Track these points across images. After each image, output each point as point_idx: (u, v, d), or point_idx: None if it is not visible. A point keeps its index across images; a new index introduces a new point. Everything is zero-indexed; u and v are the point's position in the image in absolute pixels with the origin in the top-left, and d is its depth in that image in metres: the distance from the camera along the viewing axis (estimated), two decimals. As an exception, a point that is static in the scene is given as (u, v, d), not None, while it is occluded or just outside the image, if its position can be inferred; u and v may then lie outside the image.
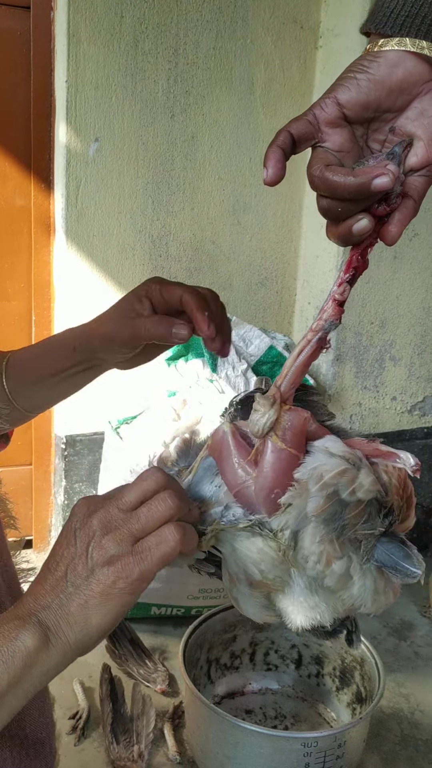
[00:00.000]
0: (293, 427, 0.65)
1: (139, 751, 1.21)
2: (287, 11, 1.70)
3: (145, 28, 1.58)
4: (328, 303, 0.67)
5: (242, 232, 1.78)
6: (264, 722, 1.34)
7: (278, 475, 0.63)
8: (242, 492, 0.65)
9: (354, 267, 0.66)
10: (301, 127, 0.63)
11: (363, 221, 0.62)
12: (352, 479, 0.62)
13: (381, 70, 0.61)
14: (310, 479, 0.62)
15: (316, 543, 0.62)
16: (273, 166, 0.62)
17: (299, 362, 0.68)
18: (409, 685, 1.48)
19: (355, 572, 0.63)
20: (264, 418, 0.64)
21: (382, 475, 0.65)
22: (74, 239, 1.64)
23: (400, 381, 1.88)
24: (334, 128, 0.63)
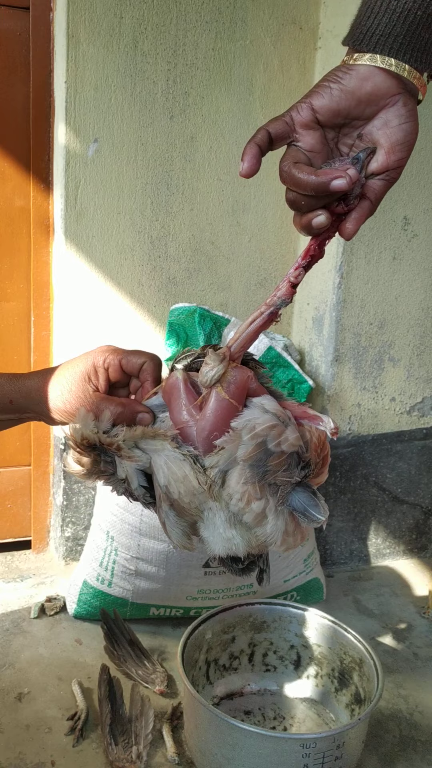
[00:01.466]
0: (237, 382, 0.75)
1: (137, 752, 1.21)
2: (286, 12, 1.70)
3: (145, 29, 1.58)
4: (283, 283, 0.75)
5: (241, 233, 1.79)
6: (263, 723, 1.34)
7: (218, 421, 0.74)
8: (184, 430, 0.75)
9: (311, 255, 0.74)
10: (278, 127, 0.71)
11: (321, 217, 0.70)
12: (279, 433, 0.73)
13: (352, 82, 0.69)
14: (244, 429, 0.72)
15: (241, 484, 0.72)
16: (248, 161, 0.70)
17: (251, 330, 0.76)
18: (407, 686, 1.48)
19: (270, 512, 0.73)
20: (213, 371, 0.74)
21: (306, 434, 0.75)
22: (73, 240, 1.64)
23: (399, 382, 1.89)
24: (308, 130, 0.71)
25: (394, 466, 1.92)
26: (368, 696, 1.26)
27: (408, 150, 0.71)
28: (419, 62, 0.68)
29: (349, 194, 0.70)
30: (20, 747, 1.24)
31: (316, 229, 0.71)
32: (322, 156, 0.71)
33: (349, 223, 0.72)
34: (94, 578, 1.56)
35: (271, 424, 0.73)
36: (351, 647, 1.34)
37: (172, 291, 1.75)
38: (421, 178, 1.76)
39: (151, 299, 1.74)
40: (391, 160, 0.71)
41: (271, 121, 0.71)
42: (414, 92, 0.70)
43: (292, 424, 0.74)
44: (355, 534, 1.93)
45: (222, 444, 0.73)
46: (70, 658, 1.48)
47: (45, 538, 1.87)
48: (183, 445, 0.75)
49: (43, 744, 1.25)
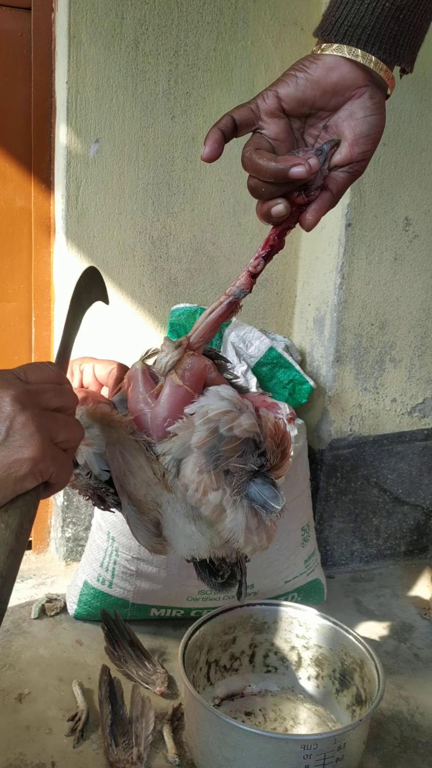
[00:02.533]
0: (192, 369, 0.73)
1: (138, 753, 1.21)
2: (288, 13, 1.70)
3: (146, 30, 1.58)
4: (243, 273, 0.74)
5: (242, 234, 1.78)
6: (263, 724, 1.34)
7: (171, 408, 0.72)
8: (140, 418, 0.73)
9: (271, 245, 0.73)
10: (244, 114, 0.70)
11: (279, 206, 0.70)
12: (232, 418, 0.71)
13: (318, 72, 0.68)
14: (197, 414, 0.71)
15: (196, 473, 0.70)
16: (210, 145, 0.69)
17: (210, 319, 0.75)
18: (408, 688, 1.48)
19: (228, 505, 0.70)
20: (166, 358, 0.73)
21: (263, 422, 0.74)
22: (74, 240, 1.64)
23: (400, 383, 1.88)
24: (273, 118, 0.70)
25: (395, 467, 1.92)
26: (369, 697, 1.26)
27: (373, 143, 0.70)
28: (388, 54, 0.67)
29: (310, 185, 0.70)
30: (20, 748, 1.24)
31: (275, 217, 0.71)
32: (287, 145, 0.71)
33: (309, 214, 0.71)
34: (94, 579, 1.56)
35: (224, 410, 0.71)
36: (352, 648, 1.33)
37: (173, 291, 1.75)
38: (422, 179, 1.76)
39: (152, 300, 1.74)
40: (354, 152, 0.70)
41: (236, 108, 0.71)
42: (382, 85, 0.69)
43: (250, 411, 0.73)
44: (356, 535, 1.93)
45: (175, 430, 0.71)
46: (71, 658, 1.47)
47: (45, 538, 1.86)
48: (137, 432, 0.73)
49: (44, 745, 1.25)
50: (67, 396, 0.66)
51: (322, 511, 1.86)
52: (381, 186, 1.72)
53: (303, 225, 0.72)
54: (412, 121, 1.71)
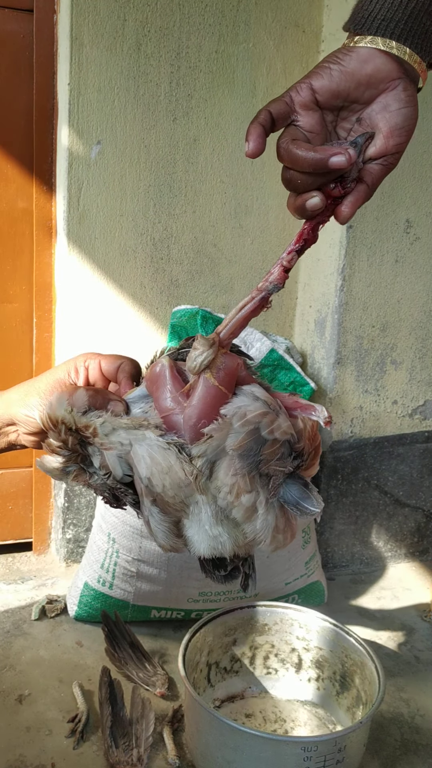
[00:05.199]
0: (226, 368, 0.72)
1: (138, 754, 1.21)
2: (289, 15, 1.70)
3: (148, 32, 1.59)
4: (276, 268, 0.72)
5: (244, 235, 1.79)
6: (264, 726, 1.34)
7: (206, 408, 0.70)
8: (170, 418, 0.71)
9: (304, 239, 0.72)
10: (279, 107, 0.69)
11: (315, 199, 0.69)
12: (272, 420, 0.70)
13: (352, 64, 0.68)
14: (234, 416, 0.69)
15: (230, 475, 0.68)
16: (254, 140, 0.68)
17: (241, 315, 0.73)
18: (409, 690, 1.48)
19: (260, 506, 0.69)
20: (202, 356, 0.70)
21: (298, 423, 0.73)
22: (76, 241, 1.64)
23: (401, 385, 1.88)
24: (307, 111, 0.69)
25: (395, 469, 1.92)
26: (369, 699, 1.25)
27: (407, 135, 0.70)
28: (420, 49, 0.68)
29: (346, 176, 0.69)
30: (20, 749, 1.24)
31: (310, 211, 0.69)
32: (321, 138, 0.70)
33: (344, 207, 0.70)
34: (95, 580, 1.56)
35: (262, 411, 0.70)
36: (352, 650, 1.33)
37: (174, 293, 1.75)
38: (423, 181, 1.76)
39: (153, 301, 1.74)
40: (389, 144, 0.70)
41: (271, 102, 0.70)
42: (414, 78, 0.69)
43: (283, 412, 0.72)
44: (357, 537, 1.93)
45: (210, 432, 0.69)
46: (71, 660, 1.47)
47: (46, 539, 1.86)
48: (167, 433, 0.71)
49: (44, 746, 1.25)
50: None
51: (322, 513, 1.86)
52: (382, 188, 1.71)
53: (338, 218, 0.71)
54: (414, 123, 1.71)
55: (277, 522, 0.70)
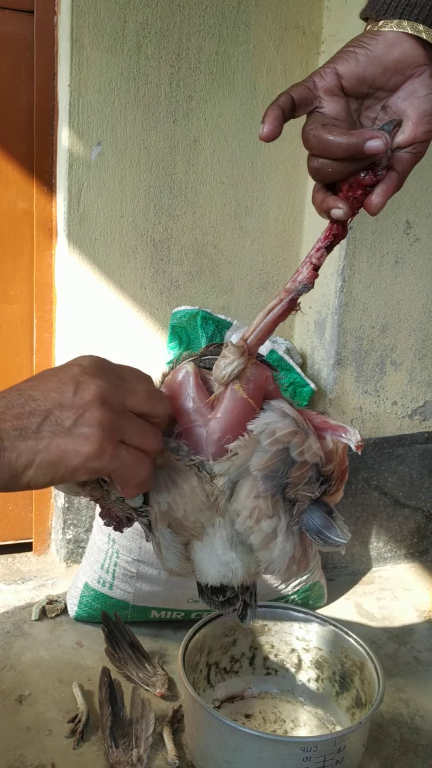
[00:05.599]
0: (256, 380, 0.66)
1: (138, 755, 1.21)
2: (289, 17, 1.70)
3: (148, 33, 1.59)
4: (304, 266, 0.67)
5: (244, 236, 1.79)
6: (263, 727, 1.34)
7: (232, 422, 0.64)
8: (191, 430, 0.65)
9: (334, 234, 0.68)
10: (302, 92, 0.65)
11: (339, 211, 0.66)
12: (302, 440, 0.64)
13: (379, 48, 0.65)
14: (263, 433, 0.63)
15: (251, 497, 0.63)
16: (270, 122, 0.64)
17: (269, 320, 0.68)
18: (408, 690, 1.48)
19: (280, 533, 0.64)
20: (232, 366, 0.65)
21: (328, 444, 0.67)
22: (76, 242, 1.65)
23: (401, 385, 1.89)
24: (331, 97, 0.66)
25: (395, 469, 1.92)
26: (369, 700, 1.26)
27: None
28: None
29: (377, 163, 0.65)
30: (20, 749, 1.24)
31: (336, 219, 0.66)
32: (346, 126, 0.66)
33: (376, 196, 0.66)
34: (95, 581, 1.56)
35: (292, 429, 0.64)
36: (352, 651, 1.33)
37: (175, 294, 1.76)
38: (423, 182, 1.76)
39: (153, 302, 1.74)
40: (419, 131, 0.66)
41: (293, 87, 0.66)
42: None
43: (312, 432, 0.66)
44: (357, 538, 1.93)
45: (235, 449, 0.63)
46: (71, 660, 1.47)
47: (46, 540, 1.87)
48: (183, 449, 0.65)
49: (44, 746, 1.25)
50: (157, 403, 0.61)
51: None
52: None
53: (369, 208, 0.67)
54: (414, 124, 1.72)
55: (294, 552, 0.65)
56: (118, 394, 0.59)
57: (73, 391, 0.58)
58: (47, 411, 0.57)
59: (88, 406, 0.57)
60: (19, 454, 0.56)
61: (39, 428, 0.56)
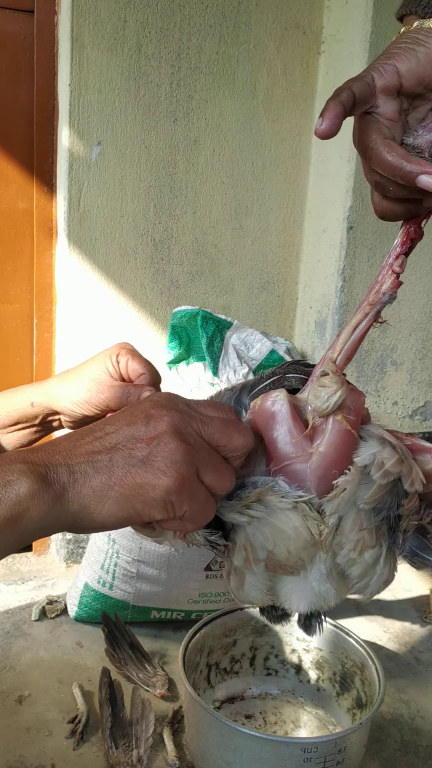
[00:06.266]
0: (356, 408, 0.63)
1: (138, 755, 1.21)
2: (290, 17, 1.70)
3: (149, 33, 1.59)
4: (386, 276, 0.64)
5: (244, 236, 1.79)
6: (264, 727, 1.34)
7: (338, 456, 0.61)
8: (291, 467, 0.61)
9: (411, 239, 0.64)
10: (363, 88, 0.61)
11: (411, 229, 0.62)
12: (409, 470, 0.61)
13: None
14: (372, 465, 0.61)
15: (356, 530, 0.61)
16: (331, 119, 0.59)
17: (356, 336, 0.64)
18: (409, 691, 1.48)
19: (381, 561, 0.62)
20: (336, 396, 0.61)
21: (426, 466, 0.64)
22: (76, 242, 1.65)
23: (402, 386, 1.88)
24: (388, 97, 0.62)
25: (396, 470, 1.92)
26: (370, 701, 1.25)
27: None
28: None
29: None
30: (20, 750, 1.24)
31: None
32: (398, 129, 0.63)
33: None
34: (95, 581, 1.56)
35: (397, 459, 0.61)
36: (352, 651, 1.33)
37: (175, 294, 1.75)
38: (424, 182, 1.76)
39: (153, 302, 1.74)
40: None
41: (353, 80, 0.61)
42: None
43: (410, 455, 0.63)
44: (357, 538, 1.93)
45: (344, 484, 0.60)
46: (71, 660, 1.47)
47: (46, 540, 1.86)
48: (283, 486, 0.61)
49: (44, 747, 1.25)
50: (235, 433, 0.58)
51: (323, 513, 1.86)
52: (383, 189, 1.72)
53: None
54: (414, 124, 1.71)
55: (388, 575, 0.64)
56: (192, 423, 0.57)
57: (145, 423, 0.55)
58: (119, 443, 0.54)
59: (161, 436, 0.55)
60: (92, 489, 0.53)
61: (111, 461, 0.54)
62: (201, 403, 0.60)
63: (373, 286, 0.64)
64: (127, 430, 0.55)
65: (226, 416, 0.59)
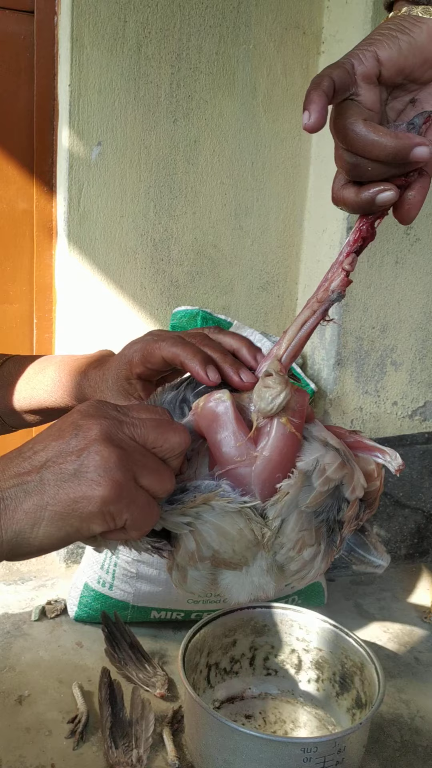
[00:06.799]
0: (300, 410, 0.61)
1: (138, 755, 1.21)
2: (290, 17, 1.70)
3: (149, 33, 1.59)
4: (335, 274, 0.62)
5: (244, 236, 1.79)
6: (263, 727, 1.34)
7: (282, 460, 0.60)
8: (236, 471, 0.60)
9: (363, 237, 0.63)
10: (342, 75, 0.59)
11: (389, 193, 0.60)
12: (351, 477, 0.61)
13: (422, 37, 0.59)
14: (313, 471, 0.60)
15: (296, 531, 0.61)
16: (317, 111, 0.57)
17: (303, 334, 0.63)
18: (409, 691, 1.48)
19: (318, 557, 0.63)
20: (280, 398, 0.60)
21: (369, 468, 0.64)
22: (76, 243, 1.65)
23: (401, 386, 1.88)
24: (368, 84, 0.60)
25: (395, 470, 1.92)
26: (369, 701, 1.25)
27: None
28: None
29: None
30: (20, 750, 1.24)
31: (379, 206, 0.61)
32: (378, 118, 0.61)
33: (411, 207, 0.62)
34: (95, 581, 1.56)
35: (339, 463, 0.61)
36: (352, 651, 1.33)
37: (175, 294, 1.76)
38: (423, 182, 1.76)
39: (153, 302, 1.74)
40: None
41: (332, 68, 0.59)
42: None
43: (352, 457, 0.63)
44: (357, 538, 1.93)
45: (287, 489, 0.60)
46: (71, 660, 1.47)
47: (46, 540, 1.86)
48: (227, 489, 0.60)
49: (44, 747, 1.25)
50: (169, 433, 0.56)
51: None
52: (382, 189, 1.72)
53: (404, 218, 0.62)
54: (414, 124, 1.72)
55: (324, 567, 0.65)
56: (123, 428, 0.54)
57: (73, 435, 0.53)
58: (48, 460, 0.52)
59: (91, 446, 0.52)
60: (25, 512, 0.51)
61: (42, 480, 0.51)
62: (133, 407, 0.58)
63: (322, 283, 0.63)
64: (56, 445, 0.53)
65: (159, 417, 0.57)
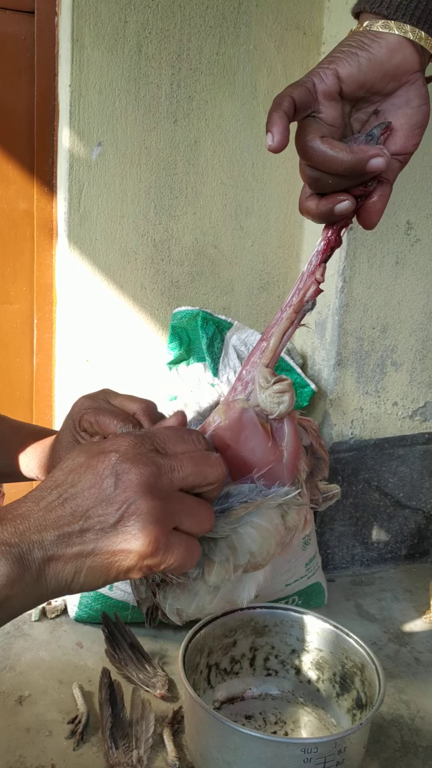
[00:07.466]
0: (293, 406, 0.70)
1: (138, 756, 1.21)
2: (290, 17, 1.70)
3: (149, 34, 1.59)
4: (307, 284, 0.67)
5: (244, 237, 1.79)
6: (264, 728, 1.34)
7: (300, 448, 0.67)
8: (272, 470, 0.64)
9: (331, 247, 0.67)
10: (303, 95, 0.61)
11: (345, 203, 0.63)
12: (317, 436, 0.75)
13: (381, 52, 0.61)
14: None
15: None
16: (280, 133, 0.60)
17: (285, 341, 0.68)
18: (409, 692, 1.48)
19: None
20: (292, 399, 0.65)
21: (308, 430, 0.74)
22: (76, 243, 1.65)
23: (402, 386, 1.88)
24: (330, 101, 0.62)
25: (396, 470, 1.92)
26: (370, 701, 1.25)
27: (422, 134, 0.66)
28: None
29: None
30: (20, 750, 1.24)
31: (338, 215, 0.64)
32: (339, 132, 0.63)
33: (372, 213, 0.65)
34: (95, 581, 1.56)
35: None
36: (352, 652, 1.33)
37: (175, 294, 1.76)
38: (424, 182, 1.76)
39: (153, 302, 1.74)
40: (409, 143, 0.65)
41: (293, 87, 0.61)
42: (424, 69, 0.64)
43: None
44: (357, 538, 1.93)
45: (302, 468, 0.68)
46: (71, 661, 1.47)
47: (46, 541, 1.86)
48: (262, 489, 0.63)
49: (44, 747, 1.25)
50: (207, 470, 0.57)
51: (322, 514, 1.86)
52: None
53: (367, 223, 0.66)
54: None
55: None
56: (162, 475, 0.54)
57: (113, 483, 0.53)
58: (89, 510, 0.52)
59: (133, 498, 0.52)
60: (66, 562, 0.52)
61: (83, 533, 0.52)
62: (169, 438, 0.58)
63: (296, 292, 0.67)
64: (95, 493, 0.53)
65: (195, 448, 0.58)
